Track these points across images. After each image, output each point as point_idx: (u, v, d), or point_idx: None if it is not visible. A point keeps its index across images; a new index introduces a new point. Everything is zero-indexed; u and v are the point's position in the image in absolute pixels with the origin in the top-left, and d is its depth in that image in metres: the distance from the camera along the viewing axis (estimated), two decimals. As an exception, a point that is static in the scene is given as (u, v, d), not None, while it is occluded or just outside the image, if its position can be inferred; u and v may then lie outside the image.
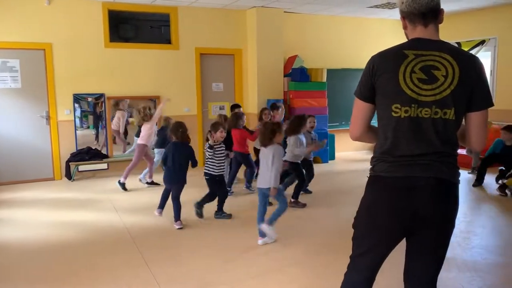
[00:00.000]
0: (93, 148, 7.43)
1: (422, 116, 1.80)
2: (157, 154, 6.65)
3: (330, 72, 8.66)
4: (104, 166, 7.51)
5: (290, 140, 5.30)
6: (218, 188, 4.97)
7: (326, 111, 8.34)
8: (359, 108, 1.96)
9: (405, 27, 1.97)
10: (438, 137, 1.81)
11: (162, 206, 5.02)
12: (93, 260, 3.85)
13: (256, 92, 8.16)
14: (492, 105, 1.85)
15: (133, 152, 6.92)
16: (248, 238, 4.34)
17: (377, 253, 1.98)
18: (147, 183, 6.62)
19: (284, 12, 8.32)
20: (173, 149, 4.73)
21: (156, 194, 6.12)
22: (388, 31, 9.37)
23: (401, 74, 1.81)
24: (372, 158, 1.97)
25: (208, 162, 4.91)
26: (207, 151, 4.90)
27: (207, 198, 4.95)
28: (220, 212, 5.02)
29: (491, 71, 8.51)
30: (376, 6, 8.16)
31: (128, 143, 7.90)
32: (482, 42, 8.56)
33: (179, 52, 7.93)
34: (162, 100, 6.71)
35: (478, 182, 6.40)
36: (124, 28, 8.34)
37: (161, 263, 3.75)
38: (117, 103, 7.70)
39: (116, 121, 7.74)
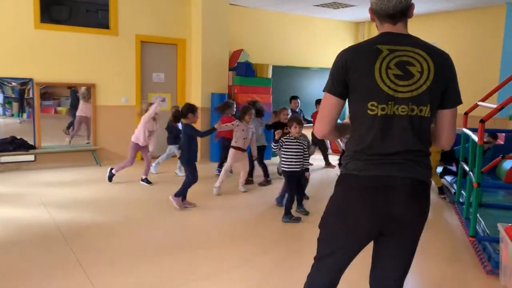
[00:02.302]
0: (18, 138, 6.77)
1: (399, 113, 1.72)
2: (168, 150, 6.64)
3: (275, 68, 8.61)
4: (31, 157, 6.87)
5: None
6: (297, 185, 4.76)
7: (270, 108, 8.25)
8: (331, 104, 1.81)
9: (372, 20, 1.90)
10: (414, 134, 1.74)
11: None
12: (18, 261, 3.43)
13: (200, 85, 7.89)
14: (462, 102, 1.84)
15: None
16: (194, 237, 4.12)
17: (345, 254, 1.89)
18: (141, 180, 6.03)
19: (230, 4, 8.12)
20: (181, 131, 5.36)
21: (90, 190, 5.69)
22: (332, 32, 9.48)
23: (377, 70, 1.71)
24: (345, 156, 1.87)
25: (284, 157, 4.66)
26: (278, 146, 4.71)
27: (289, 202, 4.60)
28: (300, 207, 4.87)
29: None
30: (322, 5, 8.22)
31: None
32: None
33: (118, 38, 7.45)
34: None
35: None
36: (57, 9, 7.67)
37: (97, 263, 3.41)
38: (89, 93, 7.32)
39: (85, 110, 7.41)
